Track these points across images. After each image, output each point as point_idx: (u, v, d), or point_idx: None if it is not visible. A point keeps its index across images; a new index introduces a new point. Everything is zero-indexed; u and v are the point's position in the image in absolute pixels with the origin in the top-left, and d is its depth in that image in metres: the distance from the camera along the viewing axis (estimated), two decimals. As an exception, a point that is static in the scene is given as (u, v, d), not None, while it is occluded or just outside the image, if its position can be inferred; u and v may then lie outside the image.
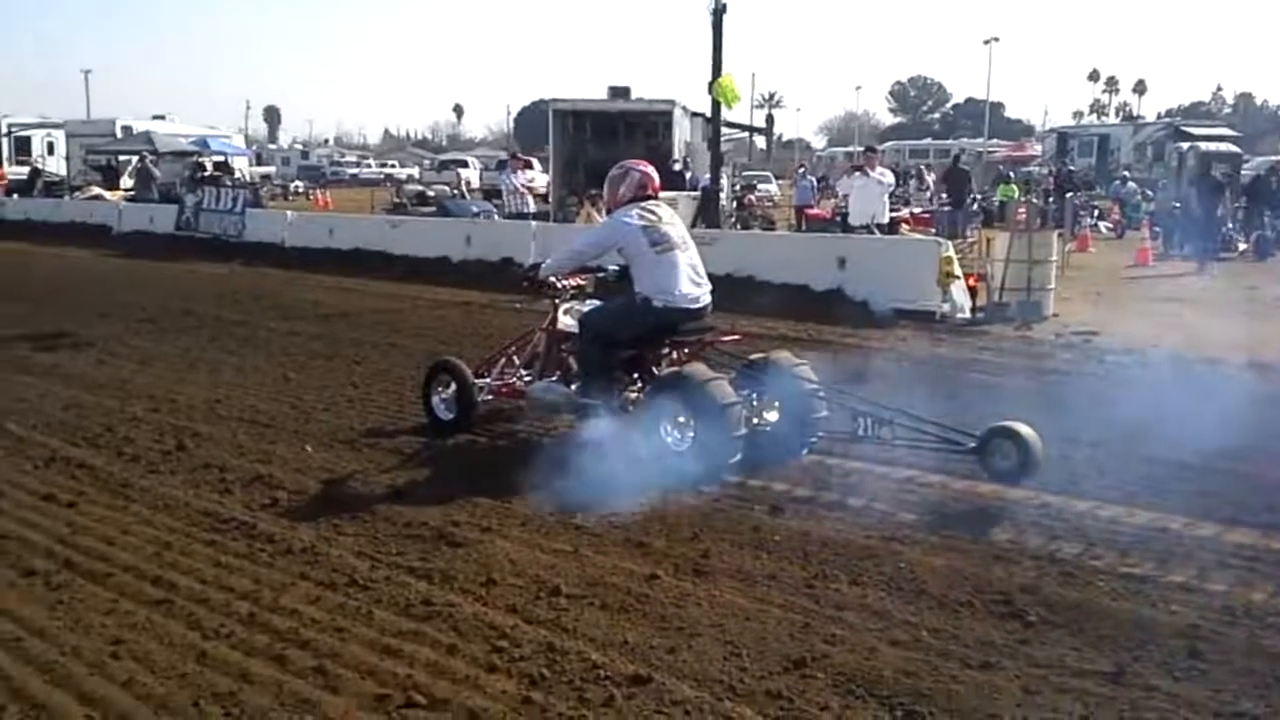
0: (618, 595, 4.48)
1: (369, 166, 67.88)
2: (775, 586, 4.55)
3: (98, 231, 23.62)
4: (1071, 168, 37.70)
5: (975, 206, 25.74)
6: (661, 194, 7.14)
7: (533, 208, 19.04)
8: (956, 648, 3.96)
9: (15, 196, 30.78)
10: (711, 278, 6.86)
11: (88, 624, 4.28)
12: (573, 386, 6.86)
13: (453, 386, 7.17)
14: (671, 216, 6.88)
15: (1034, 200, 13.52)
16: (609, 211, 7.01)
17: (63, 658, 3.98)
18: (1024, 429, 5.75)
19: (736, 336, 7.25)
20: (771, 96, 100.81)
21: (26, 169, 35.68)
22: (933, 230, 19.72)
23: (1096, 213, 26.87)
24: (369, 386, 8.60)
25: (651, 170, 7.01)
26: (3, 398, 8.25)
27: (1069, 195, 25.06)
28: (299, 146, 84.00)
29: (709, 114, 20.05)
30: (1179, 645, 3.98)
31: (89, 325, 11.82)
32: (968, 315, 12.35)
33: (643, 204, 6.75)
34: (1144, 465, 6.12)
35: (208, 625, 4.23)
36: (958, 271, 12.60)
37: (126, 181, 30.06)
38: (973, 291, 12.68)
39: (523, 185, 19.26)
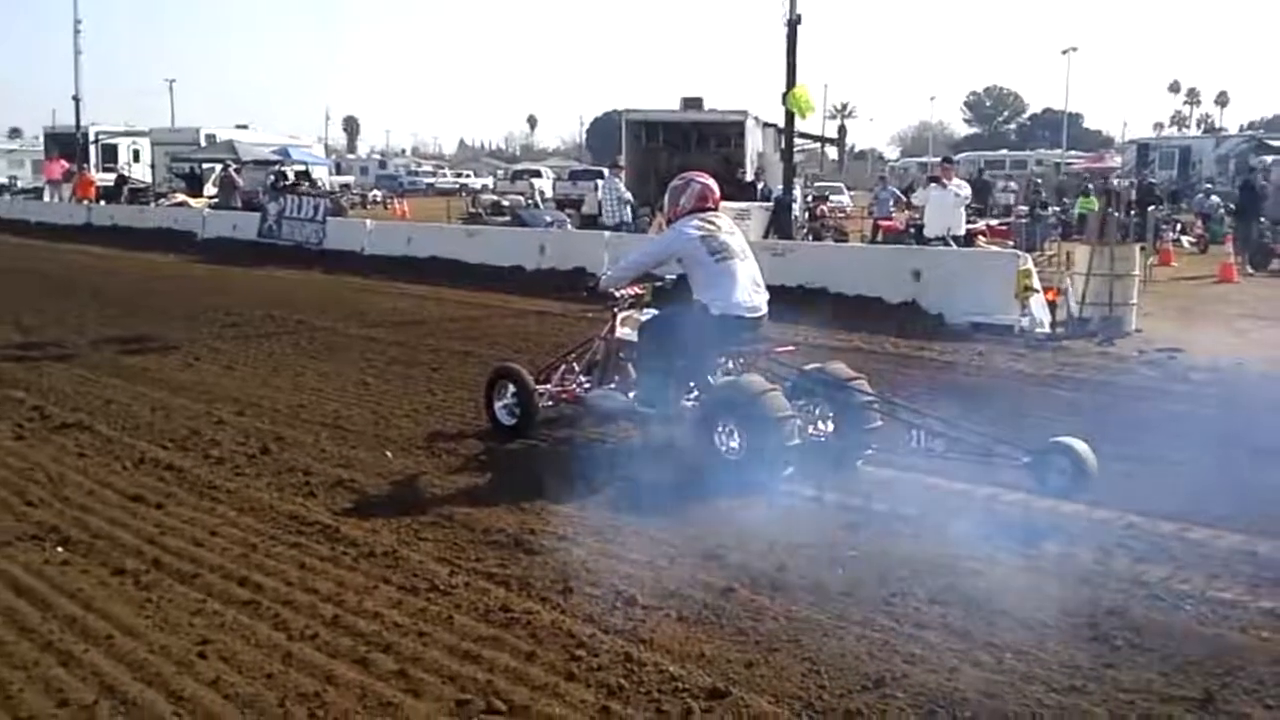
0: (694, 607, 4.48)
1: (444, 176, 68.76)
2: (852, 603, 4.51)
3: (182, 238, 24.26)
4: (1152, 180, 36.88)
5: (1054, 219, 25.31)
6: (734, 205, 7.21)
7: (630, 217, 19.01)
8: (1040, 670, 3.89)
9: (103, 202, 31.72)
10: (784, 289, 6.91)
11: (176, 623, 4.38)
12: (631, 394, 6.94)
13: (515, 392, 7.26)
14: (731, 226, 6.98)
15: (1115, 213, 13.24)
16: (669, 222, 7.11)
17: (152, 656, 4.08)
18: (1078, 444, 5.67)
19: (792, 348, 7.24)
20: (844, 107, 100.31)
21: (113, 176, 36.75)
22: (1010, 242, 19.42)
23: (1179, 227, 26.23)
24: (446, 394, 8.72)
25: (712, 182, 7.10)
26: (93, 400, 8.50)
27: (1150, 209, 24.52)
28: (377, 156, 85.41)
29: (781, 124, 19.99)
30: (1269, 673, 3.88)
31: (175, 329, 12.16)
32: (1047, 330, 12.13)
33: (703, 214, 6.84)
34: (1232, 487, 5.95)
35: (293, 627, 4.31)
36: (1037, 285, 12.41)
37: (210, 189, 30.81)
38: (1052, 306, 12.46)
39: (627, 194, 19.17)
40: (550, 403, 7.41)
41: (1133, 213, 22.89)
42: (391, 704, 3.69)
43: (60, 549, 5.21)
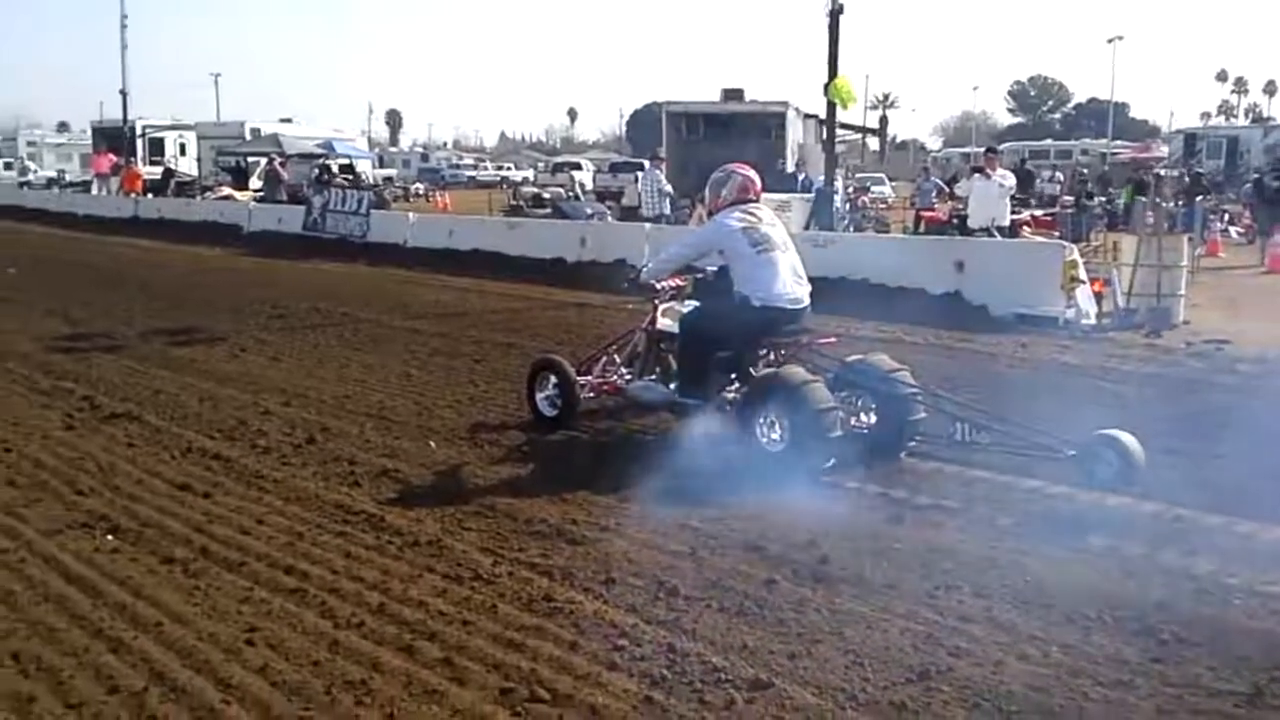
0: (736, 598, 4.48)
1: (485, 169, 69.07)
2: (896, 596, 4.49)
3: (228, 231, 24.52)
4: (1200, 170, 36.26)
5: (1100, 209, 24.97)
6: (775, 196, 7.19)
7: (670, 209, 18.98)
8: (1087, 664, 3.86)
9: (150, 196, 32.17)
10: (825, 281, 6.88)
11: (224, 610, 4.43)
12: (671, 386, 6.95)
13: (556, 384, 7.30)
14: (772, 218, 6.96)
15: (1162, 203, 13.06)
16: (710, 214, 7.09)
17: (200, 643, 4.12)
18: (1125, 436, 5.59)
19: (834, 339, 7.21)
20: (886, 97, 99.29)
21: (160, 169, 37.24)
22: (1056, 233, 19.19)
23: (1226, 217, 25.76)
24: (489, 385, 8.77)
25: (753, 174, 7.09)
26: (142, 390, 8.63)
27: (1198, 199, 24.11)
28: (419, 149, 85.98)
29: (823, 115, 19.89)
30: (1320, 668, 3.81)
31: (222, 321, 12.32)
32: (1093, 321, 11.97)
33: (744, 206, 6.83)
34: (1281, 479, 5.87)
35: (339, 614, 4.36)
36: (1083, 276, 12.23)
37: (255, 182, 31.13)
38: (1098, 297, 12.30)
39: (667, 186, 19.12)
40: (591, 394, 7.43)
41: (1180, 203, 22.62)
42: (437, 691, 3.72)
43: (110, 537, 5.29)
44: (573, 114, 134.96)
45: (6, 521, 5.50)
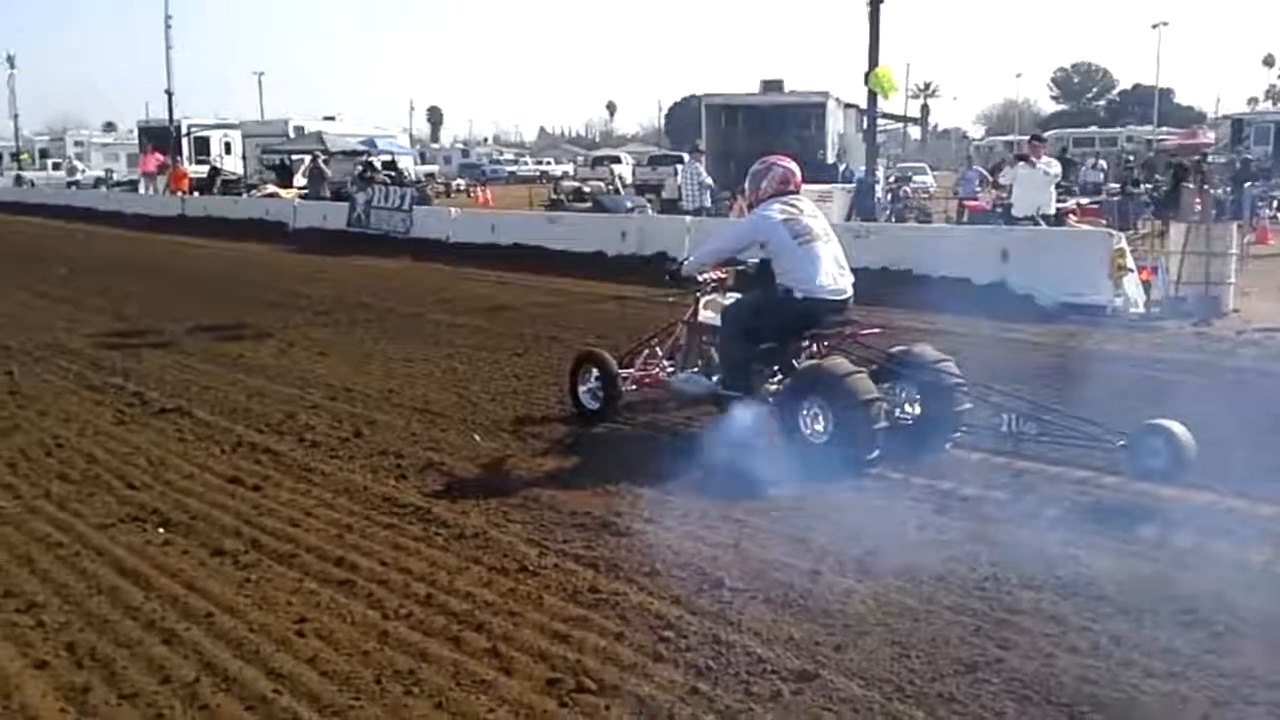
0: (781, 590, 4.46)
1: (526, 164, 69.29)
2: (943, 587, 4.46)
3: (274, 228, 24.82)
4: (1248, 156, 35.52)
5: (1146, 197, 24.57)
6: (816, 187, 7.17)
7: (710, 202, 18.94)
8: (1139, 656, 3.80)
9: (196, 194, 32.59)
10: (867, 271, 6.85)
11: (274, 602, 4.48)
12: (713, 378, 6.94)
13: (598, 376, 7.32)
14: (813, 209, 6.93)
15: (1210, 190, 12.85)
16: (751, 207, 7.07)
17: (251, 634, 4.17)
18: (1176, 427, 5.51)
19: (877, 330, 7.15)
20: (927, 86, 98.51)
21: (206, 168, 37.71)
22: (1102, 221, 18.92)
23: (1276, 204, 25.27)
24: (531, 379, 8.81)
25: (793, 165, 7.06)
26: (191, 385, 8.76)
27: (1246, 185, 23.66)
28: (460, 145, 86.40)
29: (863, 105, 19.75)
30: (1376, 658, 3.74)
31: (268, 317, 12.46)
32: (1141, 310, 11.81)
33: (784, 198, 6.81)
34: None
35: (388, 605, 4.39)
36: (1131, 264, 12.07)
37: (300, 180, 31.46)
38: (1146, 286, 12.12)
39: (708, 178, 19.07)
40: (633, 387, 7.45)
41: (1228, 190, 22.22)
42: (484, 681, 3.75)
43: (161, 530, 5.37)
44: (611, 108, 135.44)
45: (60, 515, 5.60)
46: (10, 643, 4.14)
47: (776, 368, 6.76)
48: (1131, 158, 37.23)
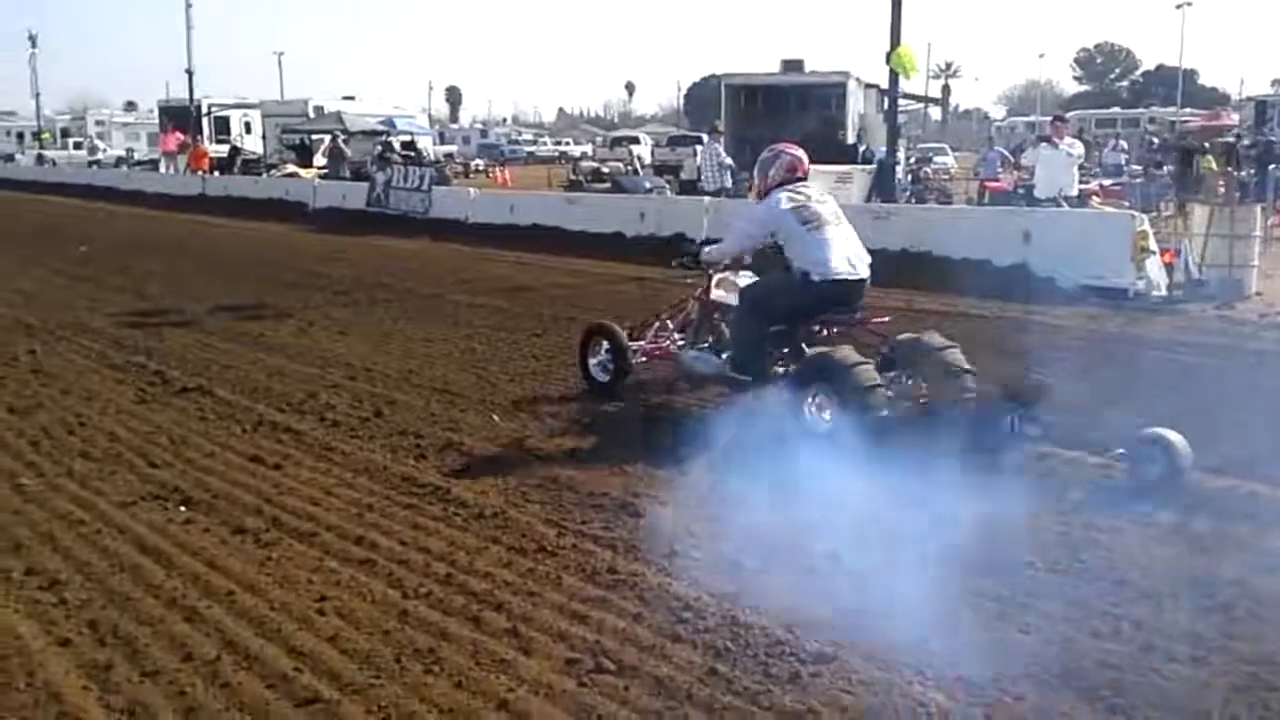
0: (798, 571, 4.45)
1: (544, 144, 69.15)
2: (964, 570, 4.42)
3: (294, 208, 24.87)
4: (1272, 138, 35.13)
5: (1169, 178, 24.32)
6: (835, 168, 7.15)
7: (730, 182, 18.84)
8: (1160, 641, 3.79)
9: (217, 174, 32.68)
10: (887, 252, 6.83)
11: (295, 580, 4.51)
12: (723, 356, 6.94)
13: (608, 349, 7.33)
14: (821, 194, 6.93)
15: (1234, 172, 12.72)
16: (760, 196, 7.02)
17: (272, 612, 4.20)
18: (1173, 436, 5.44)
19: (888, 318, 7.12)
20: (948, 66, 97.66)
21: (227, 147, 37.80)
22: (1125, 203, 18.76)
23: (1300, 186, 24.96)
24: (550, 359, 8.82)
25: (800, 152, 7.07)
26: (212, 365, 8.80)
27: (1270, 167, 23.38)
28: (479, 125, 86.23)
29: (884, 85, 19.59)
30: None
31: (288, 297, 12.51)
32: (1164, 293, 11.71)
33: (792, 185, 6.80)
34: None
35: (408, 585, 4.42)
36: (1153, 246, 11.95)
37: (319, 160, 31.51)
38: (1168, 268, 12.01)
39: (727, 159, 18.94)
40: (644, 359, 7.47)
41: (1252, 172, 21.97)
42: (504, 661, 3.76)
43: (183, 508, 5.41)
44: (630, 88, 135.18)
45: (82, 494, 5.65)
46: (33, 620, 4.17)
47: (786, 351, 6.75)
48: (1155, 140, 36.82)
